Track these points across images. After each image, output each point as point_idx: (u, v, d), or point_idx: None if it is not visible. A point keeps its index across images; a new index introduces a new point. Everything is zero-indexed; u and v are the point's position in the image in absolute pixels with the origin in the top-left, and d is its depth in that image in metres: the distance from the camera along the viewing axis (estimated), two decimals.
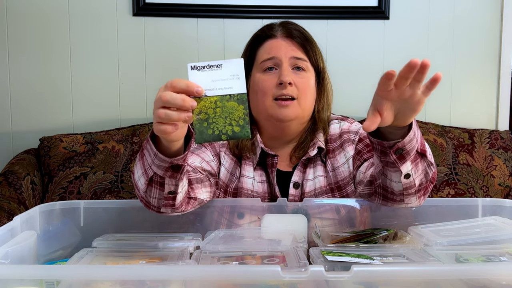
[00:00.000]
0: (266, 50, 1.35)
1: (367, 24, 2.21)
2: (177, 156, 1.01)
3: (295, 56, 1.33)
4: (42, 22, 2.10)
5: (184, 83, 0.93)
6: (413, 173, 1.07)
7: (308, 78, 1.34)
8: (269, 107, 1.31)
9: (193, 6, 2.14)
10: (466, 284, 0.86)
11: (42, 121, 2.14)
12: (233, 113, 0.94)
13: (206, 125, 0.94)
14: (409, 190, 1.11)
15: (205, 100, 0.94)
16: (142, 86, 2.16)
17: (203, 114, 0.94)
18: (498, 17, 2.24)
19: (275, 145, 1.39)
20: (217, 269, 0.88)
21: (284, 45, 1.34)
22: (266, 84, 1.31)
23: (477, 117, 2.27)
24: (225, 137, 0.94)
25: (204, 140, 0.95)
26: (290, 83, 1.29)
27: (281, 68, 1.31)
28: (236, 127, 0.94)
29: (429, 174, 1.10)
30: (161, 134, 0.96)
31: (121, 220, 1.25)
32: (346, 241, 1.12)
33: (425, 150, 1.06)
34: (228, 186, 1.36)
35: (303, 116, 1.34)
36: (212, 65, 0.95)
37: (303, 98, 1.31)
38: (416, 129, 1.03)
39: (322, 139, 1.37)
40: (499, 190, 2.00)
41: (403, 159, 1.04)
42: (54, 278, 0.86)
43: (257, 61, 1.36)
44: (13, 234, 1.05)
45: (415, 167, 1.06)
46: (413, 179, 1.08)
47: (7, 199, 1.77)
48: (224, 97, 0.94)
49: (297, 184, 1.35)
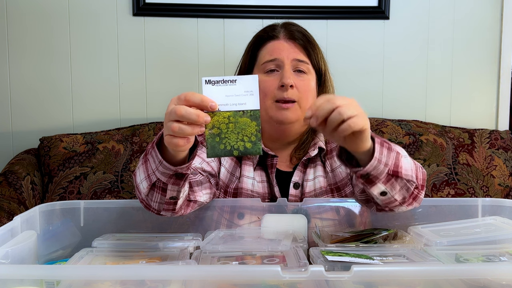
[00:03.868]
0: (269, 52, 1.34)
1: (367, 24, 2.21)
2: (182, 165, 1.01)
3: (297, 59, 1.32)
4: (42, 22, 2.10)
5: (198, 98, 0.93)
6: (389, 191, 1.07)
7: (309, 81, 1.34)
8: (270, 108, 1.31)
9: (193, 6, 2.14)
10: (466, 284, 0.86)
11: (42, 121, 2.13)
12: (246, 129, 0.95)
13: (218, 140, 0.95)
14: (391, 204, 1.11)
15: (218, 115, 0.94)
16: (142, 86, 2.16)
17: (215, 129, 0.94)
18: (498, 17, 2.24)
19: (275, 146, 1.39)
20: (217, 269, 0.88)
21: (286, 47, 1.34)
22: (268, 85, 1.31)
23: (477, 117, 2.27)
24: (237, 152, 0.95)
25: (216, 155, 0.95)
26: (291, 85, 1.29)
27: (283, 70, 1.31)
28: (248, 143, 0.95)
29: (411, 189, 1.09)
30: (173, 147, 0.96)
31: (121, 220, 1.25)
32: (346, 241, 1.12)
33: (399, 172, 1.05)
34: (228, 186, 1.36)
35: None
36: (227, 80, 0.95)
37: (304, 100, 1.31)
38: (383, 155, 1.02)
39: (322, 139, 1.37)
40: (499, 190, 2.00)
41: (372, 182, 1.05)
42: (54, 278, 0.86)
43: (259, 62, 1.35)
44: (13, 234, 1.05)
45: (390, 186, 1.06)
46: (392, 195, 1.08)
47: (7, 199, 1.77)
48: (237, 113, 0.95)
49: (297, 184, 1.35)
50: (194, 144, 1.02)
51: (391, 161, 1.04)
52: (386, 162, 1.02)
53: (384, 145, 1.03)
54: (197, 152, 1.05)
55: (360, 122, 0.94)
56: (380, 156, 1.01)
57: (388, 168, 1.03)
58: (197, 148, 1.04)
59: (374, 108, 2.22)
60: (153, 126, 2.04)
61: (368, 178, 1.04)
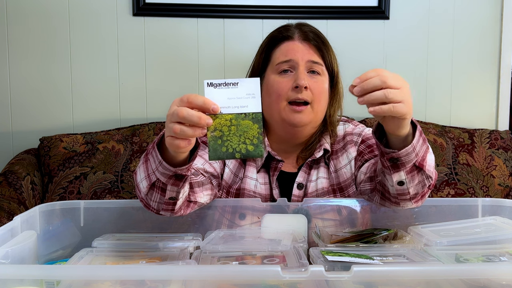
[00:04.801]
0: (283, 52, 1.33)
1: (367, 24, 2.21)
2: (182, 166, 1.01)
3: (311, 60, 1.32)
4: (42, 22, 2.10)
5: (201, 100, 0.93)
6: (407, 182, 1.07)
7: (323, 82, 1.33)
8: (283, 110, 1.30)
9: (193, 6, 2.14)
10: (466, 284, 0.86)
11: (42, 121, 2.14)
12: (248, 132, 0.95)
13: (220, 142, 0.95)
14: (403, 196, 1.12)
15: (220, 118, 0.94)
16: (142, 86, 2.16)
17: (217, 132, 0.94)
18: (498, 17, 2.24)
19: (282, 148, 1.38)
20: (217, 269, 0.88)
21: (301, 48, 1.33)
22: (281, 86, 1.30)
23: (477, 117, 2.27)
24: (239, 155, 0.95)
25: (218, 158, 0.95)
26: (306, 87, 1.28)
27: (297, 71, 1.30)
28: (250, 145, 0.95)
29: (426, 185, 1.10)
30: (173, 149, 0.96)
31: (121, 220, 1.25)
32: (346, 241, 1.12)
33: (424, 165, 1.05)
34: (231, 186, 1.35)
35: (316, 120, 1.33)
36: (229, 83, 0.95)
37: (316, 102, 1.30)
38: (418, 144, 1.02)
39: (328, 141, 1.37)
40: (499, 190, 2.00)
41: (397, 168, 1.05)
42: (54, 278, 0.86)
43: (273, 63, 1.34)
44: (13, 234, 1.05)
45: (410, 178, 1.07)
46: (407, 187, 1.08)
47: (7, 199, 1.77)
48: (239, 116, 0.95)
49: (301, 185, 1.35)
50: (195, 145, 1.02)
51: (421, 153, 1.04)
52: (418, 152, 1.02)
53: (422, 135, 1.04)
54: (197, 154, 1.04)
55: (402, 110, 0.94)
56: (416, 144, 1.01)
57: (416, 159, 1.03)
58: (197, 150, 1.04)
59: None
60: (153, 126, 2.04)
61: (396, 163, 1.03)
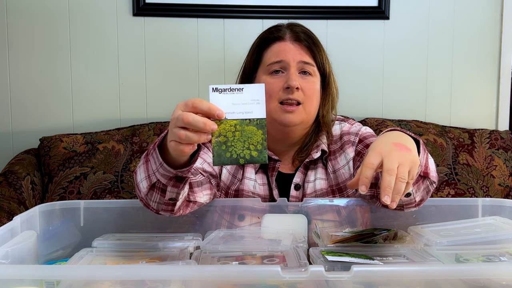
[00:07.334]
0: (274, 53, 1.33)
1: (367, 24, 2.20)
2: (182, 168, 1.01)
3: (303, 61, 1.32)
4: (42, 22, 2.10)
5: (206, 105, 0.93)
6: (413, 192, 1.07)
7: (314, 83, 1.33)
8: (274, 110, 1.30)
9: (193, 6, 2.14)
10: (466, 284, 0.86)
11: (42, 121, 2.13)
12: (252, 138, 0.95)
13: (225, 148, 0.94)
14: (409, 205, 1.13)
15: (225, 123, 0.94)
16: (142, 86, 2.16)
17: (222, 137, 0.94)
18: (498, 17, 2.24)
19: (277, 148, 1.38)
20: (217, 269, 0.88)
21: (292, 48, 1.33)
22: (273, 87, 1.30)
23: (477, 117, 2.27)
24: (243, 161, 0.95)
25: (222, 163, 0.95)
26: (297, 88, 1.28)
27: (289, 72, 1.30)
28: (254, 151, 0.95)
29: (431, 191, 1.10)
30: (177, 153, 0.96)
31: (121, 220, 1.25)
32: (346, 241, 1.12)
33: (428, 173, 1.05)
34: (229, 188, 1.35)
35: (308, 121, 1.33)
36: (234, 89, 0.95)
37: (308, 103, 1.31)
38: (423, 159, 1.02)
39: (325, 142, 1.37)
40: (499, 190, 2.00)
41: None
42: (54, 278, 0.86)
43: (264, 63, 1.35)
44: (13, 234, 1.05)
45: (416, 187, 1.07)
46: (414, 197, 1.09)
47: (7, 199, 1.77)
48: (244, 121, 0.95)
49: (298, 186, 1.35)
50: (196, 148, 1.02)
51: (423, 161, 1.03)
52: (422, 164, 1.02)
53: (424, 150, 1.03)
54: (198, 156, 1.05)
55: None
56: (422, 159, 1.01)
57: (421, 170, 1.03)
58: (198, 152, 1.04)
59: (374, 108, 2.23)
60: (153, 126, 2.04)
61: None
